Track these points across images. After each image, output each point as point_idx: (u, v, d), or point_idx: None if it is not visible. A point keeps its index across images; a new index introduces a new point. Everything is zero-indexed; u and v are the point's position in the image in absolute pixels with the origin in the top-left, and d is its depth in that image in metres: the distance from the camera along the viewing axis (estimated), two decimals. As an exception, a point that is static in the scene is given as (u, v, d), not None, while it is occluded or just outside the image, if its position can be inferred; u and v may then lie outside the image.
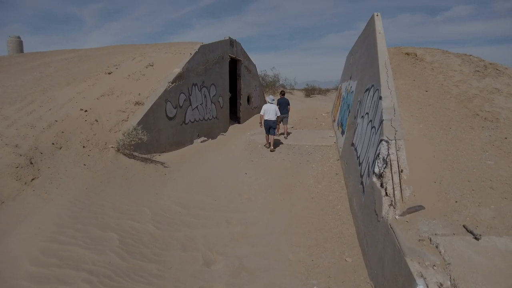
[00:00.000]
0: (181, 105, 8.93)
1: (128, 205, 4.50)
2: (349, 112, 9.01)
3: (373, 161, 4.34)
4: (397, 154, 3.87)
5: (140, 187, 5.39)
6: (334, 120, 15.39)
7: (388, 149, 3.99)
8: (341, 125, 10.86)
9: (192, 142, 9.71)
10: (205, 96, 10.66)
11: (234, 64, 15.11)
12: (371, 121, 5.34)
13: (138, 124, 6.85)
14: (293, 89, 38.79)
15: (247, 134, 13.33)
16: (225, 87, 12.79)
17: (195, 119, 9.88)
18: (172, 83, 8.38)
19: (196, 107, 9.98)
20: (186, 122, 9.30)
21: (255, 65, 17.97)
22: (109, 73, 8.63)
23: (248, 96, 16.83)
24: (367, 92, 6.40)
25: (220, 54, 11.97)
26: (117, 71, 8.93)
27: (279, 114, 9.68)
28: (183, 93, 9.02)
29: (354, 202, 5.15)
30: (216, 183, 6.33)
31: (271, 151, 9.50)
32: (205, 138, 10.43)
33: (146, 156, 6.89)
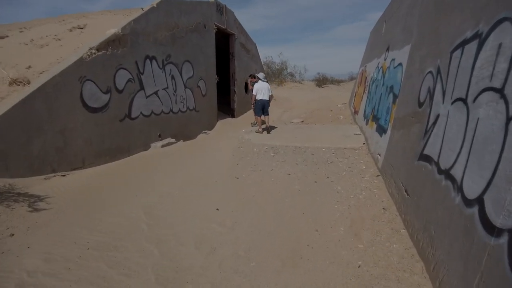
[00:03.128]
0: (120, 88, 5.52)
1: None
2: (396, 97, 5.45)
3: None
4: None
5: None
6: (355, 112, 11.76)
7: None
8: (374, 118, 7.31)
9: (147, 147, 6.32)
10: (172, 78, 7.22)
11: (225, 40, 11.60)
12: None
13: (1, 119, 3.45)
14: (303, 79, 34.71)
15: (241, 131, 9.88)
16: (209, 67, 9.31)
17: (152, 112, 6.46)
18: (98, 50, 4.96)
19: (155, 93, 6.56)
20: (134, 116, 5.90)
21: (255, 44, 14.42)
22: (1, 38, 5.24)
23: (246, 83, 13.31)
24: (471, 46, 2.84)
25: (199, 20, 8.47)
26: (20, 34, 5.56)
27: (271, 93, 8.83)
28: (124, 68, 5.60)
29: None
30: (127, 253, 2.88)
31: (257, 131, 8.78)
32: (172, 140, 7.02)
33: (9, 182, 3.47)
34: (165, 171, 5.40)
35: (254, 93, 8.55)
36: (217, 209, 4.12)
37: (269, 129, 8.95)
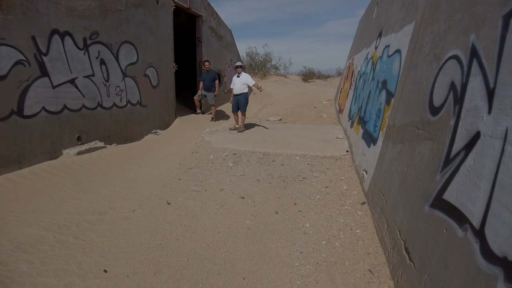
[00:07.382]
0: (0, 73, 3.82)
1: None
2: (391, 95, 3.97)
3: None
4: None
5: None
6: (340, 111, 10.31)
7: None
8: (360, 121, 5.85)
9: (56, 155, 4.65)
10: (102, 63, 5.52)
11: (191, 22, 9.89)
12: None
13: None
14: (288, 73, 32.86)
15: (204, 131, 8.27)
16: (163, 53, 7.61)
17: (65, 107, 4.79)
18: None
19: (71, 81, 4.86)
20: (29, 113, 4.22)
21: (230, 30, 12.73)
22: None
23: (218, 74, 11.63)
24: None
25: (149, -7, 6.75)
26: None
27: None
28: (8, 45, 3.90)
29: None
30: None
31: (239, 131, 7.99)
32: (99, 144, 5.36)
33: None
34: (61, 194, 3.76)
35: (231, 86, 8.10)
36: (105, 271, 2.54)
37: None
